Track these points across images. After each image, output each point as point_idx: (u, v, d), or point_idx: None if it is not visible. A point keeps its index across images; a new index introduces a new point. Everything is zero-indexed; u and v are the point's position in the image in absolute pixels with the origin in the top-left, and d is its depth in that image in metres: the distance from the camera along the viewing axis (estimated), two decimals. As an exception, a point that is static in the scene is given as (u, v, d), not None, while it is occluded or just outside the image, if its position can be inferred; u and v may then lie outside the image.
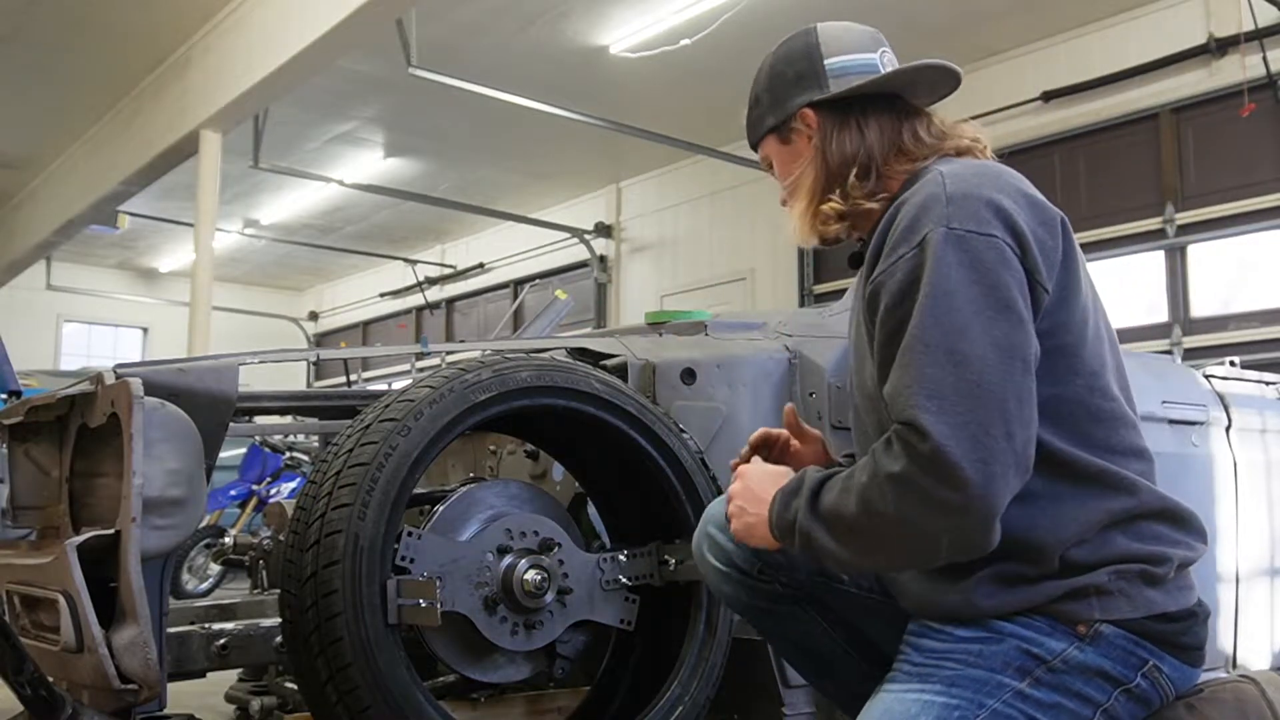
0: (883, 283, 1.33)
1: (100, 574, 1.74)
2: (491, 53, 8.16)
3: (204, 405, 1.89)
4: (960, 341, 1.24)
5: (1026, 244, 1.31)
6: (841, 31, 1.59)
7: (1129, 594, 1.31)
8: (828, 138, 1.51)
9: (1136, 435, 1.41)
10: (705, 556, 1.60)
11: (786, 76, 1.56)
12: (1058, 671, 1.30)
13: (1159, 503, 1.37)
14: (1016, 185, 1.38)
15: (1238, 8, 6.85)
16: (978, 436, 1.20)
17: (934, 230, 1.30)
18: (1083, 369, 1.36)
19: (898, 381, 1.26)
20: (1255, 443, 2.97)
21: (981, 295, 1.26)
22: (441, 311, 14.24)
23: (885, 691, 1.37)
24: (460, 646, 2.00)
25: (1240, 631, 2.82)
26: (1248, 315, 7.08)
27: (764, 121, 1.59)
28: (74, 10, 7.83)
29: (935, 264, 1.28)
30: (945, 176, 1.36)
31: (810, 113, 1.53)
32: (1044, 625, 1.31)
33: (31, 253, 12.58)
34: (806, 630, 1.59)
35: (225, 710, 2.85)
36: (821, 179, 1.51)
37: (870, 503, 1.26)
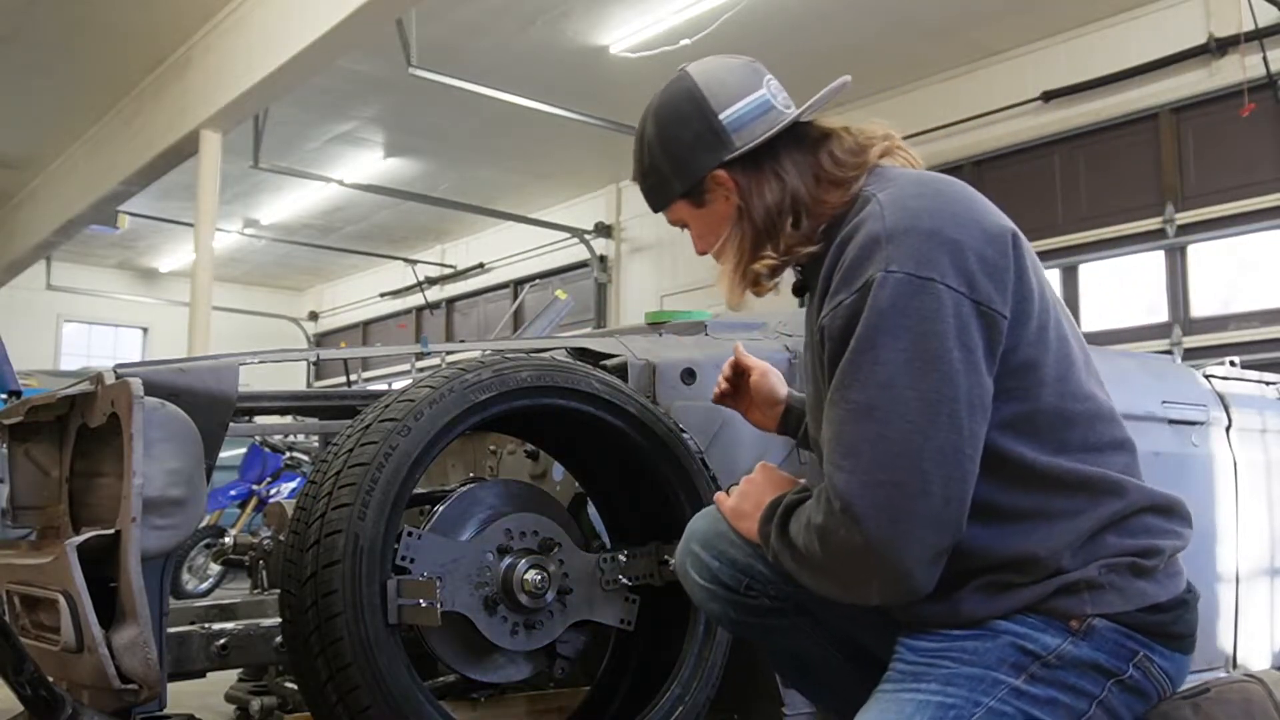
0: (825, 327, 1.34)
1: (100, 574, 1.73)
2: (491, 53, 8.16)
3: (204, 405, 1.89)
4: (882, 397, 1.25)
5: (972, 276, 1.28)
6: (724, 75, 1.51)
7: (1120, 587, 1.31)
8: (748, 194, 1.46)
9: (1115, 427, 1.41)
10: (690, 574, 1.59)
11: (683, 140, 1.49)
12: (1053, 667, 1.30)
13: (1146, 499, 1.37)
14: (960, 205, 1.36)
15: (1238, 8, 6.85)
16: (891, 496, 1.22)
17: (874, 274, 1.28)
18: (1049, 377, 1.35)
19: (825, 434, 1.31)
20: (1255, 443, 2.97)
21: (910, 348, 1.25)
22: (441, 311, 14.24)
23: (881, 692, 1.37)
24: (460, 646, 2.00)
25: (1240, 631, 2.81)
26: (1248, 315, 7.08)
27: (669, 188, 1.53)
28: (74, 10, 7.83)
29: (867, 314, 1.27)
30: (884, 207, 1.33)
31: (723, 174, 1.47)
32: (1037, 621, 1.32)
33: (31, 253, 12.59)
34: (797, 642, 1.58)
35: (225, 710, 2.85)
36: (750, 237, 1.46)
37: (809, 545, 1.32)
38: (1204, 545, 2.75)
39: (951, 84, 8.51)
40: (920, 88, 8.71)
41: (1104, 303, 7.84)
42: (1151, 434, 2.67)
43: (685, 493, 2.13)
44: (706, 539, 1.57)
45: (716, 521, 1.58)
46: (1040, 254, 1.45)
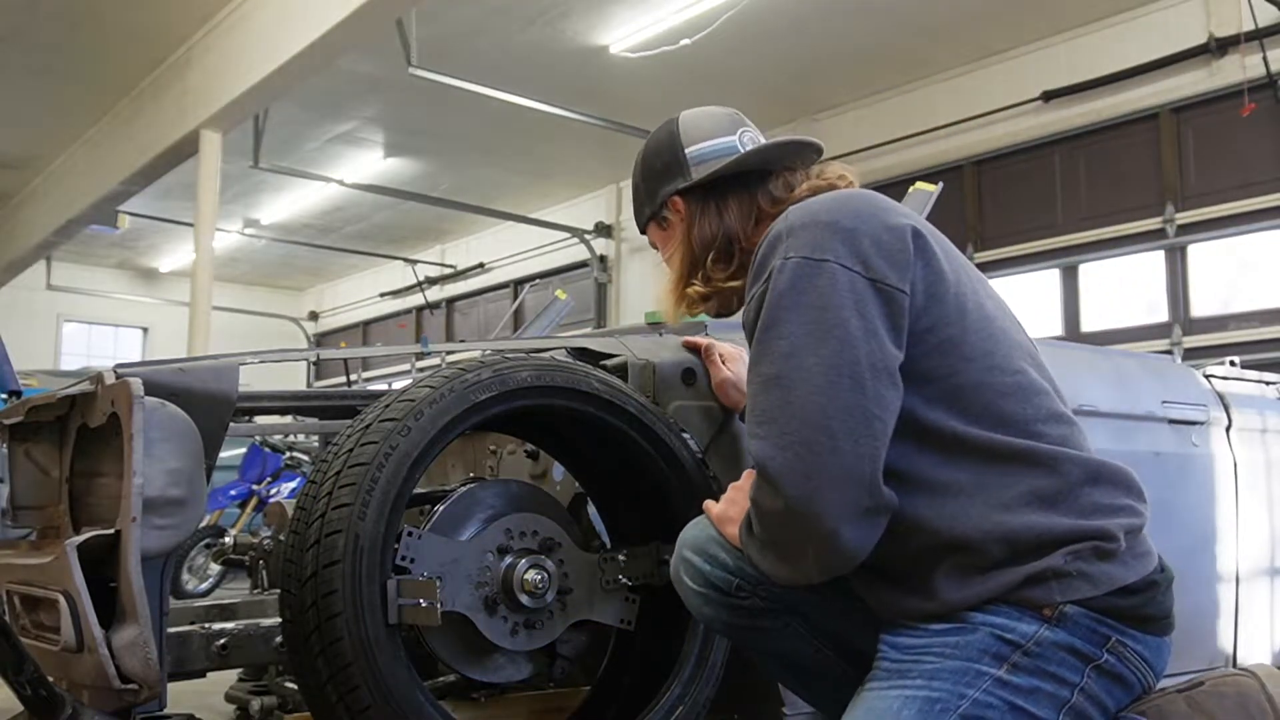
0: (744, 323, 1.45)
1: (100, 574, 1.73)
2: (491, 53, 8.16)
3: (204, 405, 1.89)
4: (785, 366, 1.33)
5: (868, 258, 1.37)
6: (703, 118, 1.75)
7: (1087, 573, 1.33)
8: (692, 223, 1.67)
9: (1049, 400, 1.44)
10: (683, 580, 1.61)
11: (655, 168, 1.73)
12: (1033, 655, 1.31)
13: (1086, 469, 1.38)
14: (861, 205, 1.44)
15: (1238, 8, 6.86)
16: (800, 454, 1.28)
17: (775, 263, 1.39)
18: (973, 352, 1.40)
19: (746, 412, 1.39)
20: (1255, 443, 2.97)
21: (809, 319, 1.34)
22: (441, 311, 14.25)
23: (866, 691, 1.39)
24: (460, 646, 2.00)
25: (1240, 631, 2.82)
26: (1248, 315, 7.09)
27: (643, 211, 1.76)
28: (74, 10, 7.83)
29: (772, 295, 1.37)
30: (789, 214, 1.45)
31: (679, 200, 1.68)
32: (1013, 611, 1.33)
33: (31, 253, 12.60)
34: (790, 643, 1.59)
35: (225, 710, 2.85)
36: (687, 261, 1.67)
37: (752, 525, 1.40)
38: (1204, 545, 2.75)
39: (951, 84, 8.51)
40: (920, 88, 8.71)
41: (1104, 303, 7.85)
42: (1151, 434, 2.67)
43: (685, 493, 2.13)
44: (698, 544, 1.59)
45: (707, 527, 1.60)
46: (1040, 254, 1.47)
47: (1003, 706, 1.30)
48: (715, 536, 1.57)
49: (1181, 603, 1.42)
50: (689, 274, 1.66)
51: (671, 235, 1.71)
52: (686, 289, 1.66)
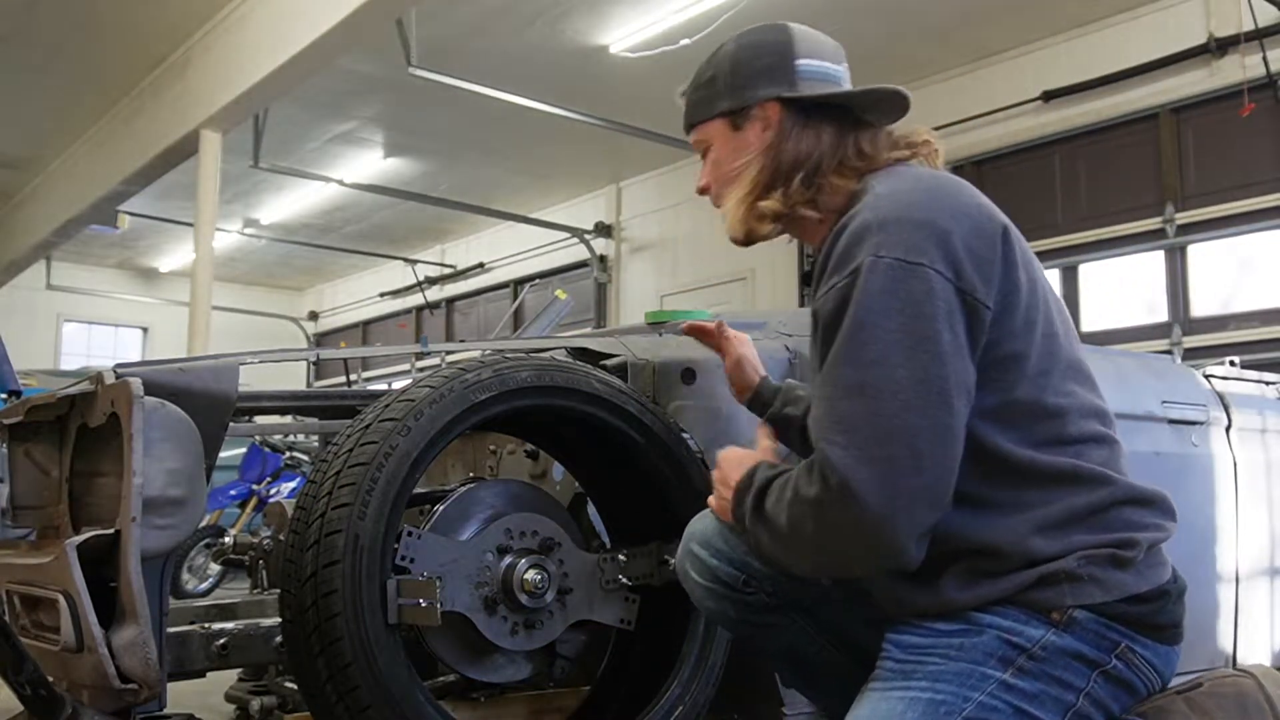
0: (817, 310, 1.37)
1: (100, 574, 1.73)
2: (491, 53, 8.16)
3: (204, 405, 1.89)
4: (874, 375, 1.26)
5: (960, 265, 1.31)
6: (816, 36, 1.62)
7: (1099, 578, 1.32)
8: (785, 135, 1.52)
9: (1095, 422, 1.42)
10: (689, 574, 1.61)
11: (754, 66, 1.56)
12: (1039, 659, 1.31)
13: (1124, 492, 1.38)
14: (954, 199, 1.38)
15: (1238, 8, 6.85)
16: (885, 472, 1.23)
17: (864, 259, 1.31)
18: (1031, 370, 1.37)
19: (817, 411, 1.32)
20: (1255, 443, 2.97)
21: (902, 327, 1.27)
22: (441, 311, 14.24)
23: (871, 691, 1.38)
24: (460, 646, 2.00)
25: (1240, 631, 2.82)
26: (1248, 315, 7.08)
27: (716, 103, 1.57)
28: (74, 10, 7.83)
29: (859, 295, 1.30)
30: (880, 199, 1.37)
31: (774, 106, 1.53)
32: (1020, 614, 1.32)
33: (31, 253, 12.59)
34: (796, 640, 1.59)
35: (225, 710, 2.85)
36: (767, 175, 1.52)
37: (795, 520, 1.33)
38: (1204, 545, 2.75)
39: (951, 84, 8.51)
40: (920, 88, 8.71)
41: (1104, 303, 7.84)
42: (1151, 434, 2.67)
43: (685, 493, 2.13)
44: (705, 538, 1.58)
45: (714, 521, 1.59)
46: (1040, 254, 1.46)
47: (1007, 710, 1.30)
48: (722, 530, 1.56)
49: (1181, 602, 1.43)
50: (767, 187, 1.51)
51: (745, 140, 1.54)
52: (759, 201, 1.51)
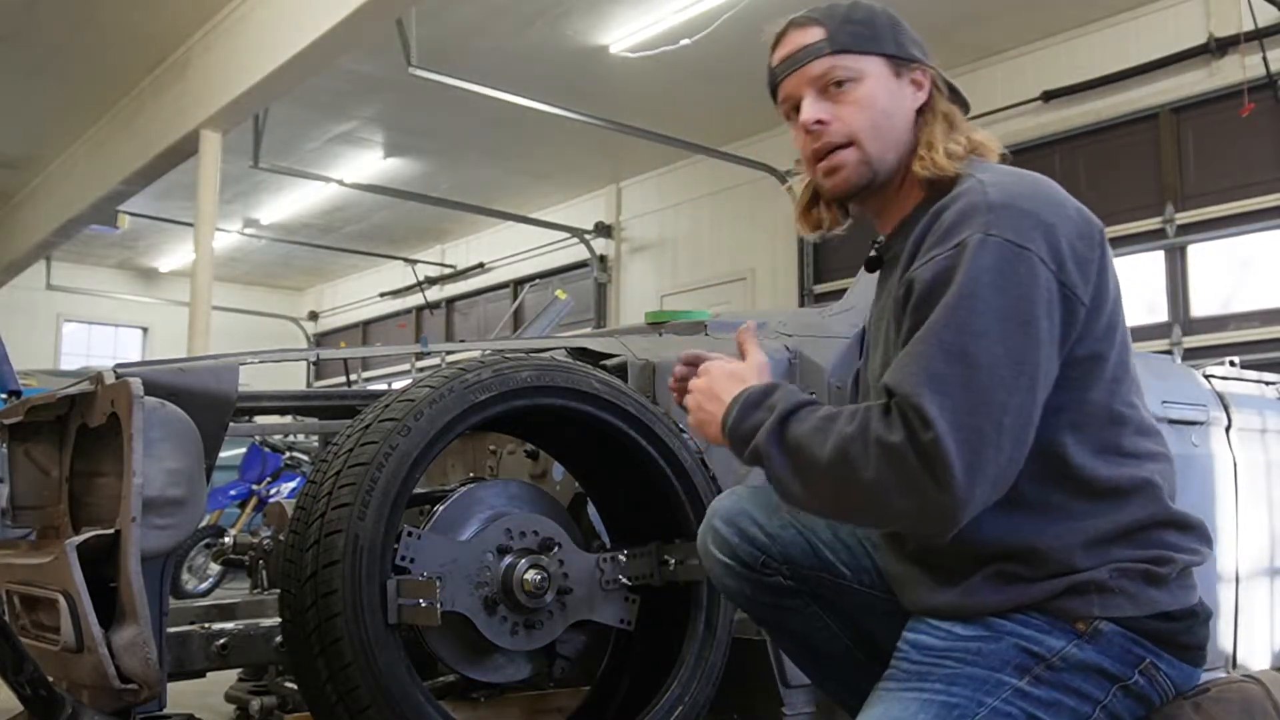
0: (914, 279, 1.32)
1: (100, 574, 1.74)
2: (491, 53, 8.16)
3: (204, 405, 1.89)
4: (975, 346, 1.24)
5: (1063, 259, 1.30)
6: None
7: (1130, 592, 1.31)
8: (931, 105, 1.49)
9: (1155, 441, 1.41)
10: (710, 549, 1.60)
11: (910, 32, 1.52)
12: (1057, 669, 1.30)
13: (1167, 514, 1.37)
14: (1057, 196, 1.37)
15: (1238, 8, 6.85)
16: (973, 442, 1.20)
17: (972, 235, 1.28)
18: (1106, 375, 1.36)
19: (905, 367, 1.26)
20: (1255, 443, 2.97)
21: (1005, 306, 1.25)
22: (441, 311, 14.24)
23: (884, 690, 1.37)
24: (460, 646, 2.01)
25: (1240, 631, 2.82)
26: (1248, 315, 7.08)
27: (881, 42, 1.48)
28: (74, 10, 7.83)
29: (968, 267, 1.27)
30: (986, 185, 1.35)
31: (930, 74, 1.49)
32: (1043, 623, 1.31)
33: (31, 253, 12.58)
34: (808, 625, 1.59)
35: (225, 710, 2.85)
36: (936, 128, 1.47)
37: (849, 456, 1.25)
38: (1204, 545, 2.75)
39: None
40: (920, 88, 8.70)
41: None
42: (1151, 434, 2.67)
43: (685, 493, 2.13)
44: (729, 515, 1.57)
45: (740, 500, 1.59)
46: (1040, 254, 1.45)
47: (1021, 717, 1.29)
48: (748, 510, 1.56)
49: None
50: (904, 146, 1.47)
51: (899, 89, 1.47)
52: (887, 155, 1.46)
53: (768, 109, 1.64)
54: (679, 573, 2.14)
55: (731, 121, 9.34)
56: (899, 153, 1.46)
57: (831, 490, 1.29)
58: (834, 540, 1.56)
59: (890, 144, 1.45)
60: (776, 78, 1.54)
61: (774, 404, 1.35)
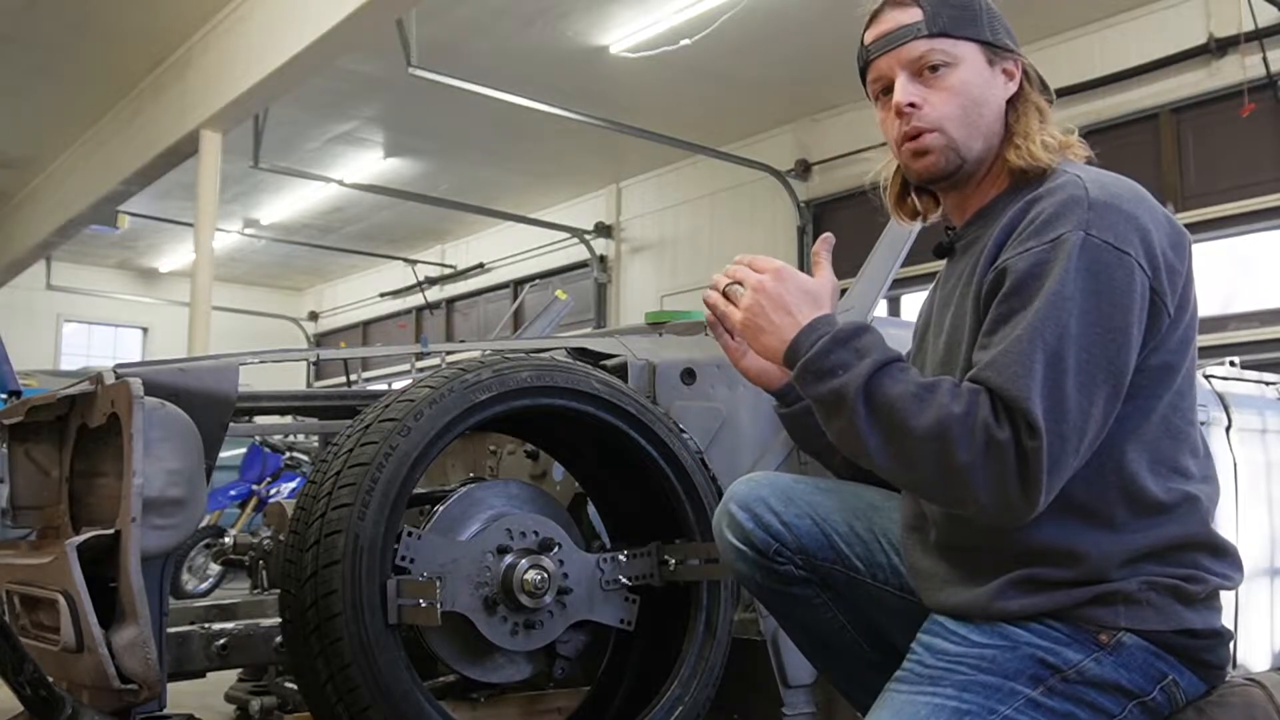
0: (1007, 268, 1.29)
1: (100, 574, 1.74)
2: (491, 53, 8.16)
3: (204, 405, 1.89)
4: (1074, 353, 1.23)
5: (1158, 266, 1.28)
6: None
7: (1158, 606, 1.29)
8: (1024, 96, 1.47)
9: (1206, 463, 1.39)
10: (724, 533, 1.58)
11: (1004, 22, 1.49)
12: (1072, 682, 1.28)
13: (1205, 536, 1.35)
14: (1152, 202, 1.36)
15: (1238, 8, 6.86)
16: (1061, 451, 1.20)
17: (1072, 233, 1.26)
18: (1174, 387, 1.34)
19: (1010, 366, 1.23)
20: (1255, 443, 2.97)
21: (1099, 310, 1.24)
22: (441, 311, 14.24)
23: (895, 692, 1.36)
24: (460, 646, 2.01)
25: (1240, 632, 2.82)
26: (1248, 315, 7.08)
27: (977, 27, 1.45)
28: (74, 10, 7.83)
29: (1066, 265, 1.25)
30: (1086, 181, 1.33)
31: (1021, 64, 1.47)
32: (1064, 634, 1.29)
33: (31, 253, 12.59)
34: (816, 614, 1.58)
35: (225, 710, 2.85)
36: (1031, 117, 1.46)
37: (950, 435, 1.21)
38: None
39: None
40: (920, 88, 8.70)
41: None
42: (1151, 434, 2.67)
43: (685, 493, 2.13)
44: (745, 501, 1.56)
45: (758, 485, 1.58)
46: (1040, 253, 1.44)
47: None
48: (765, 497, 1.54)
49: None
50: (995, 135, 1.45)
51: (992, 76, 1.45)
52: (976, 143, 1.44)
53: (766, 109, 1.65)
54: (679, 573, 2.14)
55: (731, 121, 9.35)
56: (988, 142, 1.44)
57: (913, 458, 1.24)
58: (850, 533, 1.55)
59: (979, 132, 1.43)
60: (869, 55, 1.49)
61: (865, 350, 1.29)
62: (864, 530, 1.56)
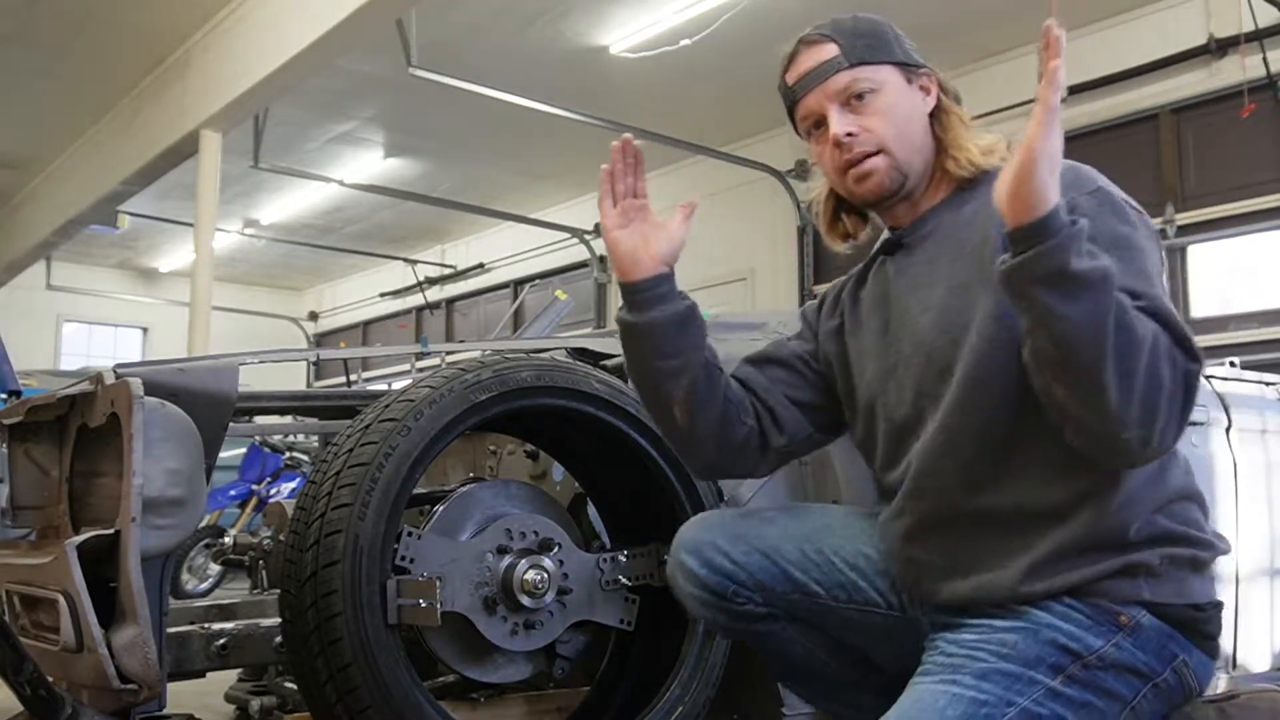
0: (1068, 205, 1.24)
1: (100, 574, 1.74)
2: (491, 53, 8.16)
3: (204, 405, 1.89)
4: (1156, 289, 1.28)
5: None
6: None
7: (1175, 579, 1.32)
8: (945, 109, 1.53)
9: None
10: (679, 582, 1.59)
11: (908, 41, 1.55)
12: (1091, 668, 1.29)
13: (1192, 488, 1.39)
14: None
15: (1238, 8, 6.85)
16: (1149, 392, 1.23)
17: (1104, 188, 1.37)
18: None
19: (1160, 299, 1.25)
20: (1255, 443, 2.97)
21: (1157, 256, 1.33)
22: (441, 311, 14.24)
23: (915, 684, 1.35)
24: (460, 646, 2.01)
25: (1240, 632, 2.81)
26: (1248, 315, 7.08)
27: (892, 51, 1.51)
28: (74, 10, 7.83)
29: (1134, 227, 1.34)
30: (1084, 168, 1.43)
31: (936, 80, 1.53)
32: (1085, 616, 1.30)
33: (31, 253, 12.58)
34: (787, 646, 1.59)
35: (225, 710, 2.85)
36: (953, 131, 1.52)
37: (1158, 349, 1.19)
38: (1204, 545, 2.75)
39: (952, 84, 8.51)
40: (920, 88, 8.70)
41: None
42: (1151, 434, 2.67)
43: (685, 493, 2.13)
44: (694, 546, 1.56)
45: (704, 529, 1.58)
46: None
47: (1051, 718, 1.27)
48: (713, 540, 1.55)
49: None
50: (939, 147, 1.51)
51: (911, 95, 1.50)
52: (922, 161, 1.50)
53: (767, 110, 1.66)
54: (679, 573, 2.13)
55: (731, 121, 9.34)
56: (923, 155, 1.50)
57: (1133, 366, 1.17)
58: (803, 559, 1.54)
59: (914, 148, 1.48)
60: (796, 95, 1.54)
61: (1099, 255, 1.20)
62: (815, 553, 1.54)
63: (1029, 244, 1.17)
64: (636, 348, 1.53)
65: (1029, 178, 1.19)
